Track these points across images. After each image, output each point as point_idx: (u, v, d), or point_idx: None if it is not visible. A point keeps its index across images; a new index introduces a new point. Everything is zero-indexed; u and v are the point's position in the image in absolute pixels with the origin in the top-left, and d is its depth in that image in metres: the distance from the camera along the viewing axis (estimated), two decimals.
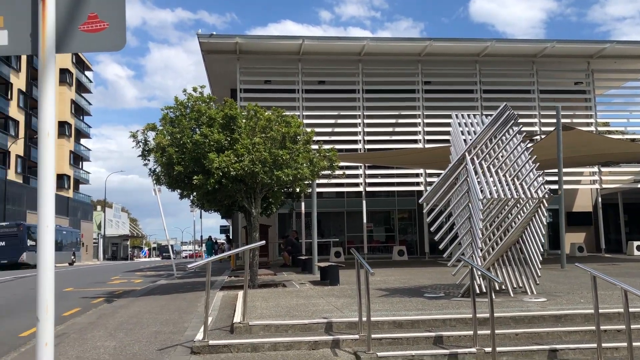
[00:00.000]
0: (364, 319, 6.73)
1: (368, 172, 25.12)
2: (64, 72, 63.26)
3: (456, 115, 10.73)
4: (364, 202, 25.15)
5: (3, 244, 35.04)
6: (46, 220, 2.31)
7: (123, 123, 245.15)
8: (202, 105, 12.63)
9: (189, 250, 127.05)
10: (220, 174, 11.79)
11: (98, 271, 28.77)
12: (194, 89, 13.11)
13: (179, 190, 13.65)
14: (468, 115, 10.73)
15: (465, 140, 10.03)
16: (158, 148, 12.10)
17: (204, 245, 36.83)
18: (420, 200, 10.14)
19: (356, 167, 24.58)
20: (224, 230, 55.91)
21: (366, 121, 25.17)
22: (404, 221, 30.57)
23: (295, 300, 9.78)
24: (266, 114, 12.81)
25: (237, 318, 7.69)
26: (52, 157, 2.34)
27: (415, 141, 25.26)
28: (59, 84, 62.29)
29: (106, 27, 2.47)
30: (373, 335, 6.56)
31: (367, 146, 24.90)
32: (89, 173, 73.92)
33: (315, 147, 13.50)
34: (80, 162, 71.34)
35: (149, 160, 13.04)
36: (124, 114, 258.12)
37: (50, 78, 2.38)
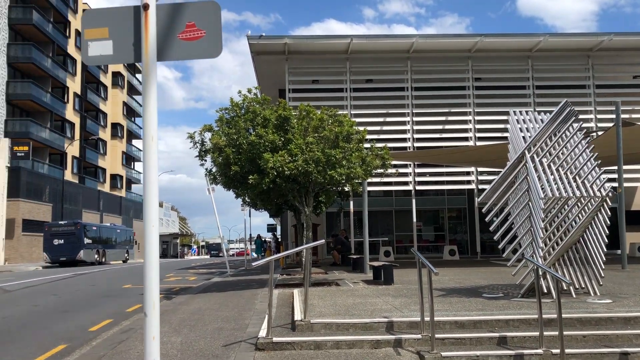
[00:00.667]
0: (426, 318, 6.73)
1: (417, 170, 24.94)
2: (116, 76, 65.24)
3: (514, 112, 10.53)
4: (414, 200, 24.98)
5: (62, 242, 36.43)
6: (152, 220, 2.41)
7: (171, 124, 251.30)
8: (257, 106, 12.83)
9: (236, 248, 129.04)
10: (275, 173, 11.97)
11: None
12: (249, 91, 13.34)
13: (233, 190, 13.92)
14: (526, 112, 10.52)
15: (524, 137, 9.84)
16: (215, 148, 12.37)
17: (252, 243, 37.31)
18: (478, 199, 10.01)
19: (405, 166, 24.44)
20: (271, 228, 56.56)
21: (415, 119, 25.00)
22: (453, 220, 30.19)
23: (352, 299, 9.83)
24: (318, 113, 12.91)
25: (298, 316, 7.79)
26: (155, 159, 2.45)
27: (465, 139, 24.91)
28: (112, 87, 64.35)
29: (203, 35, 2.58)
30: (435, 335, 6.55)
31: (417, 144, 24.72)
32: (140, 173, 75.94)
33: (368, 145, 13.51)
34: (132, 163, 73.43)
35: (205, 160, 13.33)
36: (172, 115, 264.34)
37: (152, 85, 2.49)
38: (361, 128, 13.50)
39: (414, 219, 25.18)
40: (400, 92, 25.41)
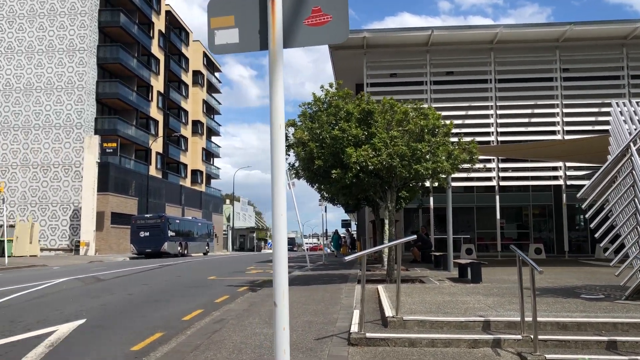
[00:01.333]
0: (527, 318, 6.41)
1: (501, 165, 24.09)
2: (196, 74, 67.45)
3: (616, 103, 9.87)
4: (497, 197, 24.15)
5: (147, 234, 38.10)
6: (280, 209, 2.35)
7: (247, 121, 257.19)
8: (339, 100, 12.77)
9: (310, 243, 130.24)
10: (358, 168, 11.86)
11: (232, 261, 30.33)
12: (331, 85, 13.29)
13: (316, 184, 13.95)
14: (630, 103, 9.83)
15: (628, 130, 9.20)
16: (299, 143, 12.42)
17: (328, 238, 37.58)
18: (578, 195, 9.45)
19: (488, 161, 23.66)
20: (345, 224, 56.68)
21: (499, 112, 24.14)
22: (538, 217, 28.95)
23: (441, 297, 9.58)
24: (402, 107, 12.68)
25: (388, 312, 7.65)
26: (283, 147, 2.40)
27: (553, 132, 23.80)
28: (192, 85, 66.58)
29: (329, 19, 2.51)
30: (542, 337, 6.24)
31: (501, 138, 23.87)
32: (219, 169, 78.34)
33: (454, 139, 13.14)
34: (212, 159, 75.71)
35: (288, 155, 13.42)
36: (247, 112, 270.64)
37: (279, 73, 2.44)
38: (447, 121, 13.13)
39: (498, 216, 24.34)
40: (483, 84, 24.61)
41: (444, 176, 12.60)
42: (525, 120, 24.21)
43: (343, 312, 8.90)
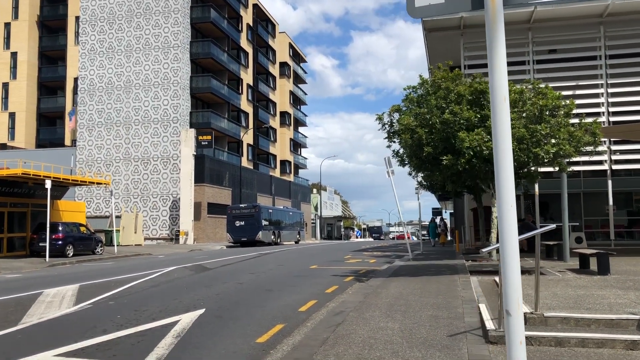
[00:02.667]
0: None
1: (614, 147, 22.33)
2: (283, 66, 68.20)
3: None
4: (610, 182, 22.44)
5: (242, 223, 38.99)
6: (508, 199, 1.94)
7: (330, 111, 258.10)
8: (449, 82, 12.15)
9: (396, 231, 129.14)
10: (471, 153, 11.22)
11: (326, 250, 30.34)
12: (439, 66, 12.69)
13: (421, 173, 13.42)
14: None
15: None
16: (406, 129, 11.94)
17: (423, 228, 36.54)
18: None
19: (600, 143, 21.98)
20: (435, 212, 55.35)
21: (610, 90, 22.35)
22: None
23: (573, 291, 8.84)
24: (517, 87, 11.87)
25: (524, 307, 7.09)
26: (508, 122, 2.02)
27: None
28: (279, 77, 67.40)
29: None
30: None
31: (612, 118, 22.12)
32: (306, 159, 78.99)
33: (574, 120, 12.15)
34: (299, 149, 76.49)
35: (394, 141, 12.98)
36: (330, 102, 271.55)
37: (500, 39, 2.07)
38: (568, 100, 12.15)
39: (610, 202, 22.63)
40: (592, 61, 22.88)
41: (565, 160, 11.67)
42: None
43: (467, 307, 8.41)
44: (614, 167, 22.61)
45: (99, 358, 6.07)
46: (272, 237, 41.18)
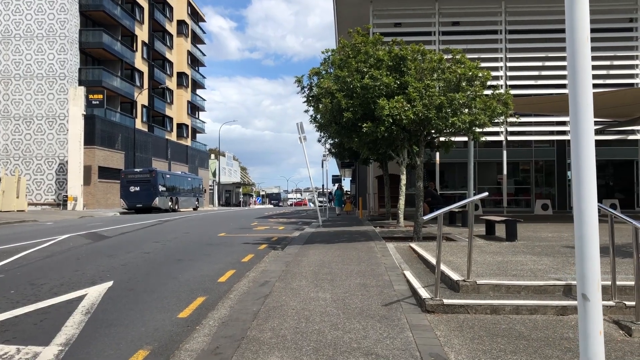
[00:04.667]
0: (621, 282, 5.88)
1: (510, 119, 23.46)
2: (180, 24, 64.99)
3: None
4: (504, 152, 23.64)
5: (138, 189, 37.11)
6: (588, 159, 1.57)
7: (227, 75, 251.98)
8: (369, 46, 11.87)
9: (294, 198, 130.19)
10: (391, 120, 11.09)
11: (230, 217, 29.65)
12: (358, 31, 12.36)
13: (338, 139, 13.15)
14: None
15: None
16: (326, 93, 11.55)
17: (328, 194, 36.55)
18: None
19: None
20: (336, 180, 56.05)
21: (509, 64, 23.36)
22: (540, 173, 28.66)
23: (490, 257, 9.04)
24: (438, 54, 11.85)
25: (455, 275, 7.07)
26: (589, 69, 1.65)
27: (563, 86, 23.16)
28: (177, 35, 64.22)
29: None
30: (629, 303, 5.73)
31: (511, 92, 23.16)
32: (204, 122, 76.64)
33: (487, 92, 12.38)
34: (197, 112, 73.94)
35: (312, 106, 12.57)
36: (227, 65, 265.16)
37: None
38: (484, 71, 12.32)
39: (505, 172, 23.89)
40: (493, 35, 23.72)
41: (479, 130, 11.89)
42: (536, 73, 23.48)
43: (392, 274, 8.32)
44: (509, 137, 23.81)
45: None
46: (170, 203, 39.66)
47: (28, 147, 41.79)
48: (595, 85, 22.92)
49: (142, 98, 52.62)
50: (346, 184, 58.20)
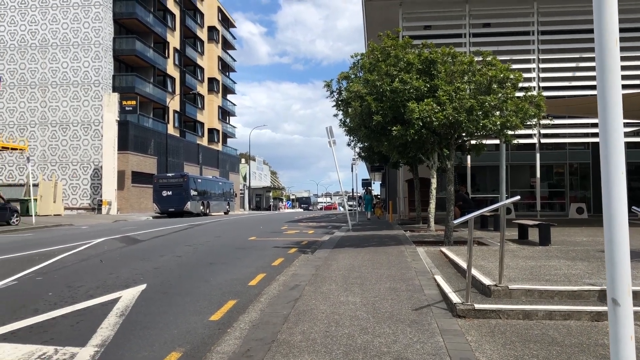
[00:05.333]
0: None
1: (543, 122, 23.08)
2: (211, 30, 65.85)
3: None
4: (538, 155, 23.24)
5: (170, 193, 37.68)
6: (616, 164, 1.56)
7: (257, 80, 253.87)
8: (399, 50, 11.84)
9: (324, 202, 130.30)
10: (420, 124, 11.03)
11: (260, 221, 29.85)
12: (388, 34, 12.35)
13: (368, 143, 13.14)
14: None
15: None
16: (356, 97, 11.56)
17: (358, 198, 36.53)
18: None
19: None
20: (365, 183, 55.95)
21: (542, 65, 22.98)
22: (575, 176, 28.07)
23: (523, 262, 8.90)
24: (468, 56, 11.75)
25: (486, 280, 7.00)
26: (618, 72, 1.64)
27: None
28: (207, 41, 65.08)
29: None
30: None
31: (544, 93, 22.80)
32: (235, 127, 77.39)
33: (519, 94, 12.21)
34: (227, 117, 74.73)
35: (342, 109, 12.60)
36: (257, 70, 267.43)
37: None
38: (516, 73, 12.16)
39: (538, 175, 23.49)
40: (525, 36, 23.39)
41: (511, 132, 11.74)
42: (570, 74, 23.05)
43: (422, 279, 8.27)
44: (542, 140, 23.40)
45: (35, 342, 5.37)
46: (201, 207, 40.13)
47: (64, 152, 42.85)
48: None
49: (173, 104, 53.47)
50: (376, 188, 58.08)
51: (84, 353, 5.02)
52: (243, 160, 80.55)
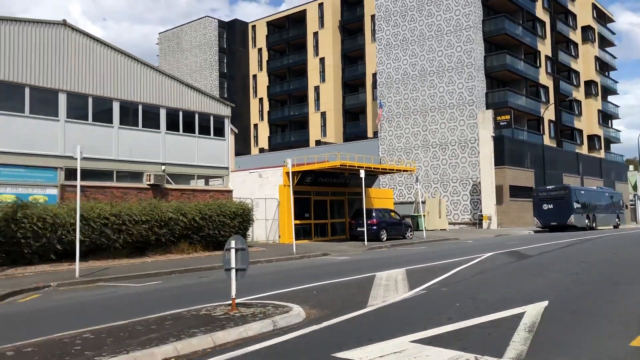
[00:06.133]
0: None
1: None
2: (585, 30, 61.35)
3: None
4: None
5: (551, 206, 36.26)
6: None
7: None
8: None
9: None
10: None
11: None
12: None
13: None
14: None
15: None
16: None
17: None
18: None
19: None
20: None
21: None
22: None
23: None
24: None
25: None
26: None
27: None
28: (582, 43, 60.80)
29: None
30: None
31: None
32: (618, 131, 69.75)
33: None
34: (609, 121, 67.95)
35: None
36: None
37: None
38: None
39: None
40: None
41: None
42: None
43: None
44: None
45: (455, 348, 5.81)
46: (586, 221, 37.25)
47: (444, 170, 45.85)
48: None
49: (548, 113, 51.56)
50: None
51: None
52: (631, 167, 71.57)
